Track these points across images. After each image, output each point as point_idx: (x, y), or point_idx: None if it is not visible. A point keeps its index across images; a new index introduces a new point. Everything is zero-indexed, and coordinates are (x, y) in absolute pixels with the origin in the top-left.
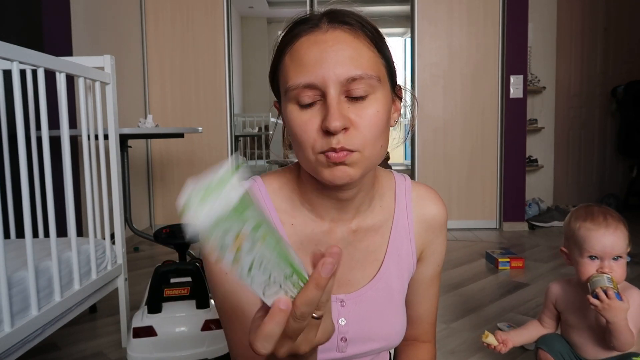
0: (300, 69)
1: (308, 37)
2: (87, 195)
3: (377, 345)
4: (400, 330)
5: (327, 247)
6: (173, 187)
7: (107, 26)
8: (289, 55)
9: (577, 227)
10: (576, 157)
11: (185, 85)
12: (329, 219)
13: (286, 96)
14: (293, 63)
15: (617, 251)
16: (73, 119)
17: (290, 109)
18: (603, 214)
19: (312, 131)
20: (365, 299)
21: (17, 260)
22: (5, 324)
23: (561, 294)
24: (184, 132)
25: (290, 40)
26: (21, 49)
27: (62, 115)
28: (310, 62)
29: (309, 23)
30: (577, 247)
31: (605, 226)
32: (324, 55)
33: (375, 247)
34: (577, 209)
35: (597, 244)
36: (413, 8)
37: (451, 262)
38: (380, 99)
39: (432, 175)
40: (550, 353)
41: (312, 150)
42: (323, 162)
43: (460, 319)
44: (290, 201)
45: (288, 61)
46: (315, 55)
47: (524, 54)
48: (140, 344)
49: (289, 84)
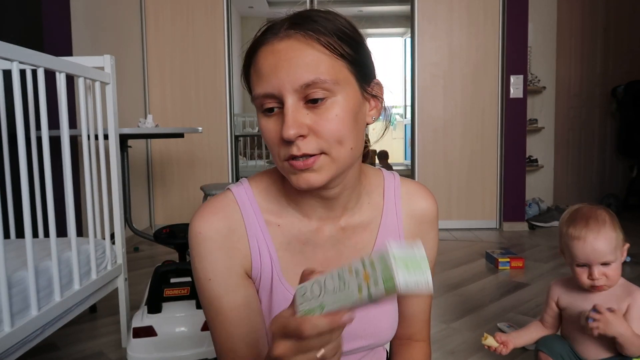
0: (260, 80)
1: (265, 48)
2: (87, 195)
3: (365, 342)
4: (389, 328)
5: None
6: (173, 187)
7: (107, 26)
8: (253, 66)
9: (563, 233)
10: (576, 157)
11: (185, 85)
12: (316, 218)
13: (254, 104)
14: (256, 74)
15: (603, 258)
16: (73, 119)
17: (259, 117)
18: (585, 219)
19: (275, 139)
20: None
21: (17, 260)
22: (5, 324)
23: (563, 292)
24: (184, 132)
25: (253, 53)
26: (21, 48)
27: (62, 115)
28: (267, 72)
29: (269, 32)
30: (567, 253)
31: (586, 234)
32: (278, 64)
33: (363, 244)
34: (566, 213)
35: (581, 254)
36: (413, 8)
37: (451, 262)
38: (341, 101)
39: (432, 175)
40: (550, 355)
41: (278, 157)
42: (289, 169)
43: (460, 319)
44: (276, 202)
45: (252, 72)
46: (271, 64)
47: (524, 54)
48: (140, 344)
49: (253, 94)
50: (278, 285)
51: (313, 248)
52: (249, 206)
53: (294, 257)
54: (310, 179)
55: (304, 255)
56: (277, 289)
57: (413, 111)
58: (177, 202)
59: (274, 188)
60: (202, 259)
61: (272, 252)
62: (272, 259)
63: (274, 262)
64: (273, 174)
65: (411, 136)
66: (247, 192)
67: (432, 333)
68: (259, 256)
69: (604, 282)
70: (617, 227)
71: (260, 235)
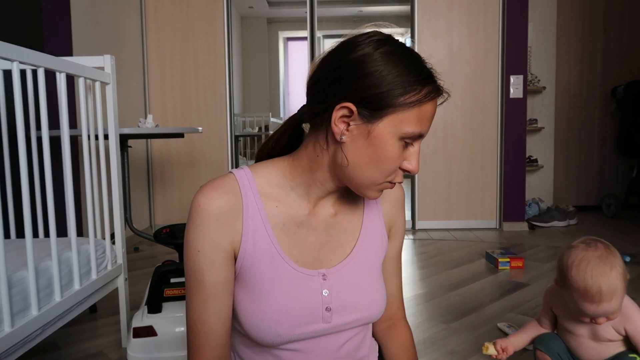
0: (422, 122)
1: (432, 102)
2: (87, 195)
3: (361, 315)
4: (381, 302)
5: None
6: (173, 187)
7: (107, 26)
8: (418, 108)
9: (571, 285)
10: (576, 157)
11: (185, 85)
12: (312, 204)
13: (396, 130)
14: (422, 117)
15: (611, 315)
16: (73, 119)
17: (392, 141)
18: (598, 278)
19: (395, 165)
20: (345, 272)
21: (17, 260)
22: (5, 324)
23: (556, 299)
24: (184, 132)
25: (424, 98)
26: (21, 48)
27: (62, 115)
28: (427, 119)
29: (433, 83)
30: (571, 300)
31: (600, 300)
32: (431, 120)
33: (352, 227)
34: (574, 255)
35: (590, 312)
36: (413, 8)
37: (451, 262)
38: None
39: (432, 175)
40: (547, 353)
41: (384, 177)
42: (381, 186)
43: (460, 319)
44: (275, 185)
45: (417, 113)
46: (430, 114)
47: (524, 54)
48: (140, 344)
49: (408, 130)
50: (279, 260)
51: (307, 230)
52: (248, 187)
53: (288, 237)
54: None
55: (297, 237)
56: (278, 264)
57: None
58: (177, 202)
59: (272, 174)
60: (196, 229)
61: (269, 231)
62: (270, 237)
63: (272, 240)
64: (277, 162)
65: None
66: (248, 175)
67: (432, 333)
68: (253, 235)
69: (605, 321)
70: (624, 270)
71: (257, 214)
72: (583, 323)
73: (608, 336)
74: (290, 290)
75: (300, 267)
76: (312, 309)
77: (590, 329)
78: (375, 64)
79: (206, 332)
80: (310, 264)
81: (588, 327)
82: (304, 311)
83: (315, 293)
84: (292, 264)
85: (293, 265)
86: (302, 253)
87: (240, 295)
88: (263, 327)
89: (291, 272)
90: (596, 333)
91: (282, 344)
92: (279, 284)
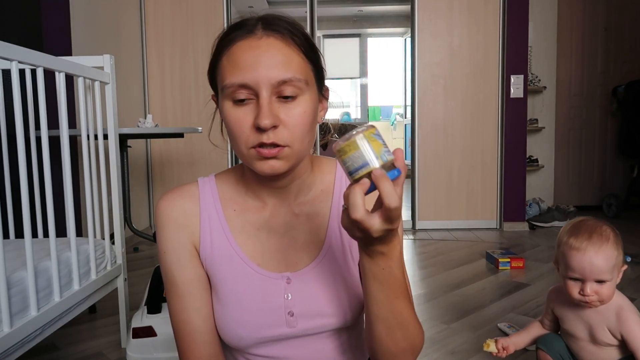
0: (236, 70)
1: (243, 42)
2: (87, 195)
3: (327, 320)
4: (349, 307)
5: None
6: (173, 187)
7: (107, 26)
8: (226, 56)
9: (563, 242)
10: (577, 157)
11: (185, 85)
12: (270, 205)
13: (223, 93)
14: (230, 64)
15: (599, 275)
16: (72, 118)
17: (226, 105)
18: (589, 231)
19: (245, 127)
20: (310, 277)
21: (17, 260)
22: (4, 324)
23: (558, 301)
24: (184, 132)
25: (227, 44)
26: (20, 48)
27: (62, 115)
28: (245, 65)
29: (244, 28)
30: (562, 264)
31: (587, 247)
32: (257, 59)
33: (317, 229)
34: (569, 223)
35: (577, 266)
36: (413, 8)
37: (451, 262)
38: (308, 100)
39: (432, 175)
40: (549, 353)
41: (245, 144)
42: (255, 156)
43: (460, 319)
44: (235, 191)
45: (225, 62)
46: (250, 58)
47: (525, 53)
48: (140, 344)
49: (225, 83)
50: (238, 262)
51: (267, 233)
52: (209, 192)
53: (249, 240)
54: (275, 165)
55: (258, 239)
56: (237, 266)
57: (413, 111)
58: None
59: (234, 179)
60: (159, 233)
61: (227, 234)
62: (229, 239)
63: (231, 243)
64: (237, 169)
65: (411, 136)
66: (210, 181)
67: (432, 333)
68: (211, 237)
69: (595, 299)
70: (619, 247)
71: (216, 218)
72: (582, 324)
73: (605, 339)
74: (251, 292)
75: (262, 269)
76: (274, 312)
77: (588, 331)
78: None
79: (190, 332)
80: (275, 267)
81: (587, 330)
82: (265, 314)
83: (278, 296)
84: (254, 266)
85: (254, 267)
86: (264, 256)
87: (213, 298)
88: (227, 329)
89: (252, 274)
90: (594, 336)
91: (247, 347)
92: (240, 286)
